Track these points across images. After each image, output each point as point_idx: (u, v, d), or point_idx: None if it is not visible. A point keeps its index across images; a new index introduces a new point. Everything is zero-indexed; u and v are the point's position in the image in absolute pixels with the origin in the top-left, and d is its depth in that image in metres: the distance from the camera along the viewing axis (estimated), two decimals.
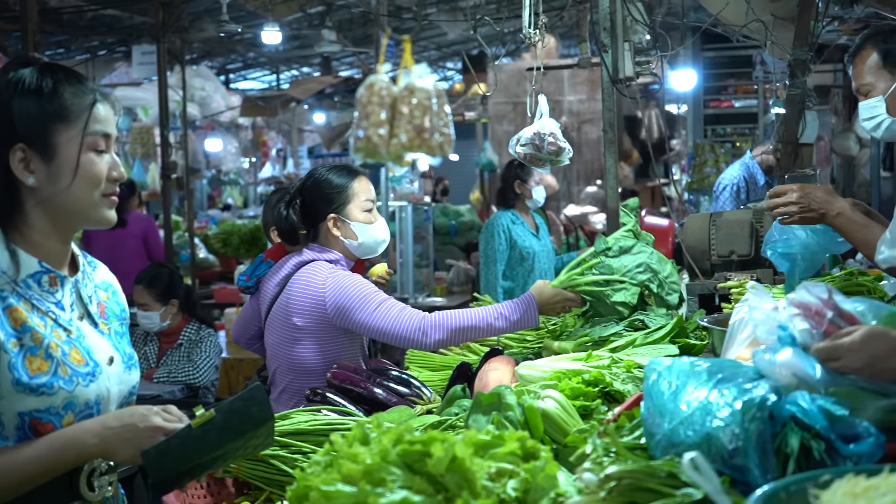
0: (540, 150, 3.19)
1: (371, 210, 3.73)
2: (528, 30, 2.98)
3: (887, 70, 3.38)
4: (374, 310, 3.48)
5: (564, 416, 2.36)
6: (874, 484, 1.42)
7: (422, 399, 3.30)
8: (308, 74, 17.15)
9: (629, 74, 4.49)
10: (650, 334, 3.18)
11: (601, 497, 1.74)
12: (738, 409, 1.81)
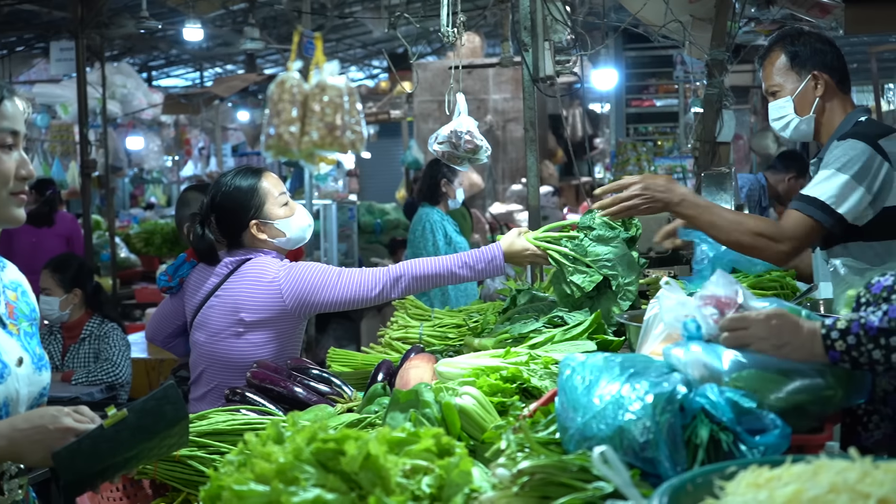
0: (457, 149, 3.21)
1: (287, 202, 3.71)
2: (446, 28, 2.98)
3: (794, 71, 3.46)
4: (335, 283, 3.49)
5: (482, 413, 2.37)
6: (776, 475, 1.46)
7: (342, 397, 3.28)
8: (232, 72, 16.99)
9: (549, 73, 4.52)
10: (569, 331, 3.20)
11: (514, 492, 1.76)
12: (649, 403, 1.84)
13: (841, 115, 3.43)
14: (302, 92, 1.77)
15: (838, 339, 1.94)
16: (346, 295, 3.49)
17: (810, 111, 3.42)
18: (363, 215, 11.02)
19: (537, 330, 3.35)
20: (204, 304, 3.66)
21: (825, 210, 3.15)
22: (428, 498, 1.77)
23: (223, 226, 3.68)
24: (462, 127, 3.17)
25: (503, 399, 2.49)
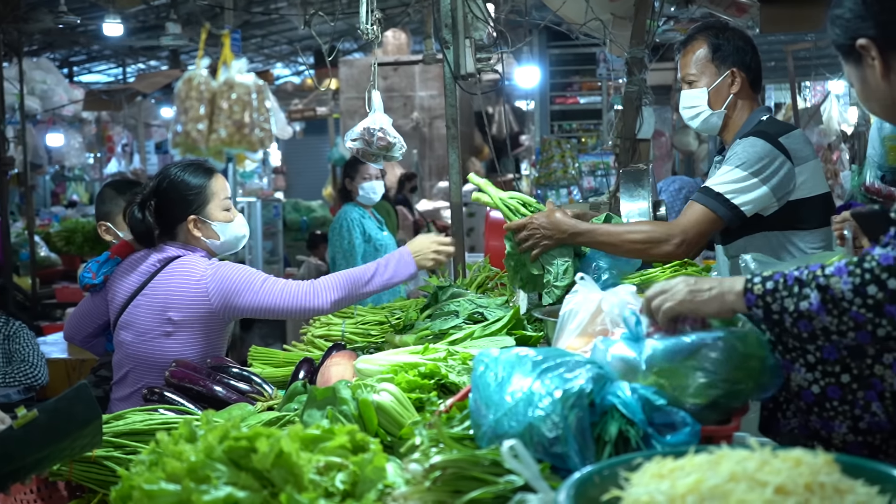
0: (370, 145, 3.21)
1: (230, 208, 3.69)
2: (365, 26, 2.98)
3: (714, 65, 3.51)
4: (259, 288, 3.46)
5: (399, 409, 2.38)
6: (680, 465, 1.49)
7: (263, 396, 3.27)
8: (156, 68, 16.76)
9: (471, 71, 4.55)
10: (488, 326, 3.23)
11: (426, 487, 1.77)
12: (558, 399, 1.86)
13: (748, 113, 3.50)
14: (210, 89, 1.77)
15: (758, 284, 1.99)
16: (267, 302, 3.47)
17: (723, 106, 3.49)
18: (289, 213, 10.96)
19: (457, 326, 3.38)
20: (130, 302, 3.62)
21: (723, 203, 3.23)
22: (341, 494, 1.77)
23: (161, 214, 3.64)
24: (375, 124, 3.17)
25: (421, 395, 2.51)
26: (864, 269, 1.84)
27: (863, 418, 2.03)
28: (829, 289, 1.87)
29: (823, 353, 2.01)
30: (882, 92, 2.12)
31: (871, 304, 1.83)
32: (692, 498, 1.39)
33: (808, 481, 1.40)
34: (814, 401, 2.07)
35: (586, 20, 5.88)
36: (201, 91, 1.75)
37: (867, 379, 1.98)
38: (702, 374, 1.99)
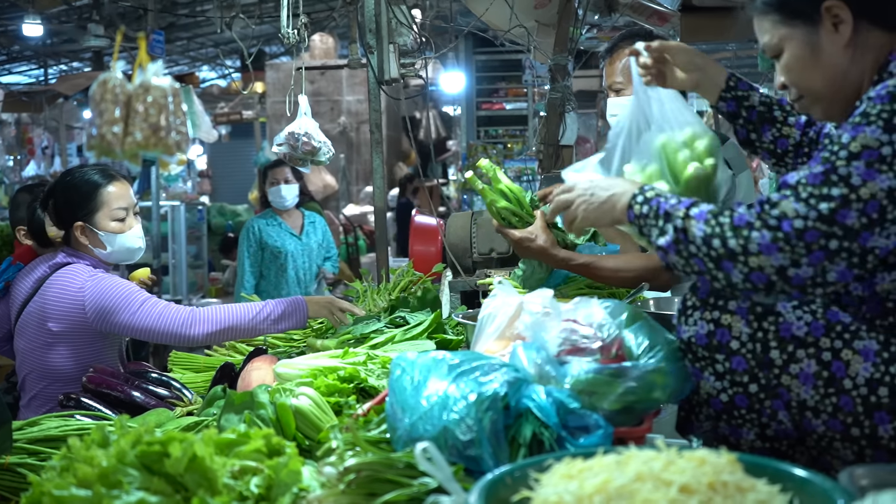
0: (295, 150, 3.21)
1: (124, 218, 3.60)
2: (285, 30, 2.98)
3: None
4: (136, 309, 3.40)
5: (318, 413, 2.39)
6: (588, 466, 1.52)
7: (182, 401, 3.25)
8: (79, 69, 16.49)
9: (395, 76, 4.56)
10: (409, 330, 3.24)
11: (341, 490, 1.78)
12: (472, 403, 1.88)
13: None
14: (125, 92, 1.76)
15: (638, 204, 2.07)
16: (143, 323, 3.40)
17: None
18: (214, 217, 10.85)
19: (379, 330, 3.39)
20: (23, 309, 3.56)
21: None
22: (255, 498, 1.77)
23: (55, 214, 3.59)
24: (300, 129, 3.16)
25: (340, 399, 2.51)
26: (719, 222, 1.90)
27: (770, 426, 2.07)
28: (684, 231, 1.94)
29: (732, 364, 2.05)
30: (835, 63, 2.08)
31: (714, 255, 1.89)
32: (599, 498, 1.42)
33: (712, 480, 1.43)
34: (722, 408, 2.10)
35: (511, 27, 5.92)
36: (116, 93, 1.74)
37: (774, 389, 2.02)
38: (620, 382, 2.03)
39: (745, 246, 1.85)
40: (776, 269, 1.84)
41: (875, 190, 1.82)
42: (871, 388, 1.94)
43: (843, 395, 1.96)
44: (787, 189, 1.90)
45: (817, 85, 2.14)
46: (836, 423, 1.98)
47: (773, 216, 1.85)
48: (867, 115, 1.89)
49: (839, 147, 1.88)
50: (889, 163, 1.83)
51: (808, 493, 1.53)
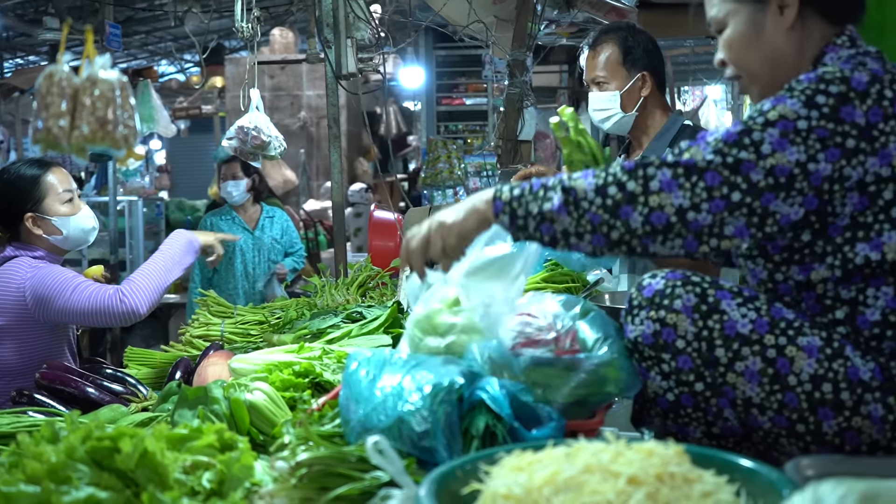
0: (245, 144, 3.20)
1: (72, 199, 3.62)
2: (240, 24, 2.96)
3: (625, 67, 3.56)
4: (70, 294, 3.41)
5: (273, 408, 2.38)
6: (538, 458, 1.52)
7: (138, 397, 3.23)
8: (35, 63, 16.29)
9: (352, 71, 4.55)
10: (365, 325, 3.24)
11: (293, 484, 1.78)
12: (427, 394, 1.89)
13: (660, 115, 3.57)
14: (72, 85, 1.74)
15: (506, 191, 2.01)
16: (77, 306, 3.42)
17: (634, 108, 3.55)
18: (173, 212, 10.77)
19: (335, 325, 3.38)
20: None
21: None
22: (207, 493, 1.77)
23: (1, 215, 3.57)
24: (250, 123, 3.15)
25: (295, 394, 2.51)
26: (609, 173, 1.91)
27: (716, 424, 2.08)
28: (572, 190, 1.93)
29: (678, 363, 2.06)
30: (775, 44, 2.10)
31: (610, 204, 1.89)
32: (548, 489, 1.43)
33: (659, 471, 1.45)
34: (668, 407, 2.11)
35: (469, 22, 5.94)
36: (63, 87, 1.72)
37: (720, 387, 2.03)
38: (574, 375, 2.04)
39: (644, 185, 1.86)
40: (676, 208, 1.86)
41: (783, 160, 1.86)
42: (815, 384, 1.97)
43: (787, 391, 1.98)
44: (699, 142, 1.92)
45: (755, 65, 2.15)
46: (781, 420, 2.00)
47: (677, 157, 1.88)
48: (791, 90, 1.94)
49: (758, 114, 1.92)
50: (803, 137, 1.87)
51: (755, 483, 1.55)
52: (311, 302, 4.18)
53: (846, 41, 2.10)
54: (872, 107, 1.91)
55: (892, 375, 1.97)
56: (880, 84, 1.94)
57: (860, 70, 1.95)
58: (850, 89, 1.91)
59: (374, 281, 4.40)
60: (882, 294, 1.98)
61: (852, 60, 2.02)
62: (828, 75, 1.93)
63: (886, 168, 1.93)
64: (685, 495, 1.43)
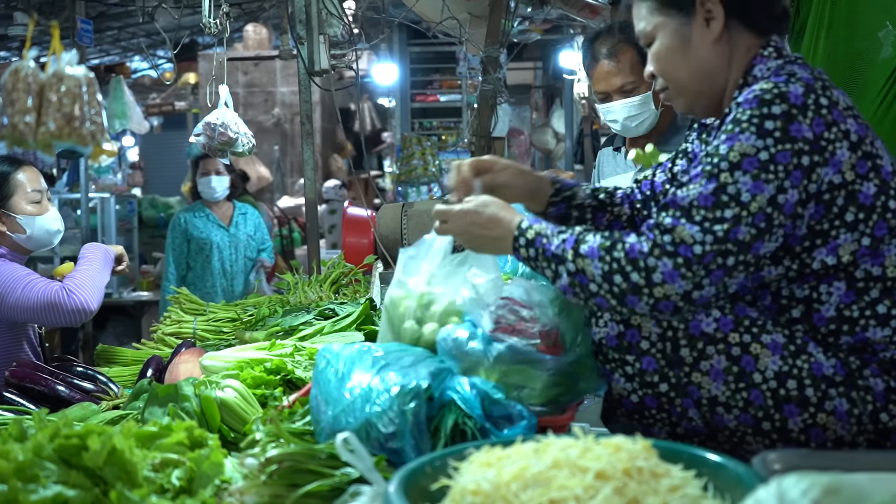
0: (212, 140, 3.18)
1: (40, 201, 3.61)
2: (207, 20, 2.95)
3: (643, 66, 3.54)
4: (20, 291, 3.41)
5: (244, 405, 2.38)
6: (507, 454, 1.53)
7: (109, 395, 3.22)
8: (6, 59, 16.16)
9: (325, 67, 4.54)
10: (338, 322, 3.24)
11: (263, 481, 1.78)
12: (394, 395, 1.89)
13: (668, 111, 3.55)
14: (38, 81, 1.73)
15: (522, 247, 2.07)
16: (27, 303, 3.44)
17: (660, 105, 3.53)
18: (146, 209, 10.69)
19: (308, 322, 3.37)
20: None
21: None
22: (176, 490, 1.76)
23: None
24: (217, 119, 3.14)
25: (266, 391, 2.50)
26: (614, 258, 1.91)
27: (680, 424, 2.09)
28: (581, 272, 1.95)
29: (642, 364, 2.07)
30: (702, 56, 2.12)
31: (616, 292, 1.91)
32: (516, 485, 1.43)
33: (627, 466, 1.45)
34: (633, 408, 2.13)
35: (443, 18, 5.94)
36: (29, 83, 1.71)
37: (685, 387, 2.04)
38: (547, 375, 2.04)
39: (648, 278, 1.87)
40: (681, 295, 1.88)
41: (762, 203, 1.88)
42: (780, 381, 1.99)
43: (753, 389, 2.00)
44: (676, 210, 1.92)
45: (682, 77, 2.17)
46: (747, 418, 2.02)
47: (670, 243, 1.88)
48: (739, 122, 1.94)
49: (719, 159, 1.92)
50: (769, 170, 1.89)
51: (722, 477, 1.57)
52: (284, 299, 4.17)
53: (773, 52, 2.12)
54: (814, 118, 1.94)
55: (852, 370, 2.00)
56: (814, 93, 1.96)
57: (793, 82, 1.97)
58: (790, 106, 1.93)
59: (347, 278, 4.40)
60: (835, 290, 2.01)
61: (781, 71, 2.05)
62: (766, 95, 1.95)
63: (837, 175, 1.96)
64: (653, 490, 1.44)
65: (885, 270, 2.01)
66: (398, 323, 2.31)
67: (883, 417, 1.98)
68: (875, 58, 3.22)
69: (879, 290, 2.01)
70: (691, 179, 1.95)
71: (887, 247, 2.00)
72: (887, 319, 2.01)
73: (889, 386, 1.99)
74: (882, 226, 1.99)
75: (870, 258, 2.00)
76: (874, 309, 2.01)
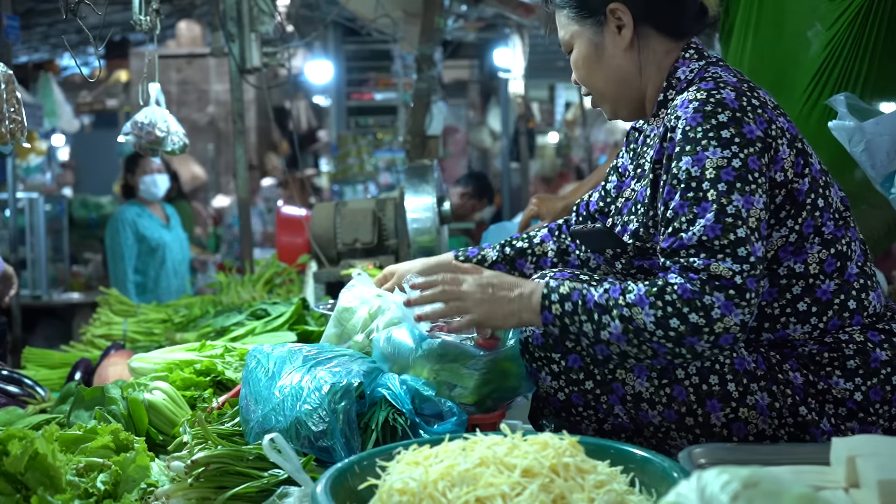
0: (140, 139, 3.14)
1: None
2: (137, 16, 2.91)
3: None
4: None
5: (173, 407, 2.35)
6: (434, 452, 1.53)
7: (35, 398, 3.16)
8: None
9: (256, 65, 4.51)
10: (270, 322, 3.22)
11: (189, 483, 1.76)
12: (325, 393, 1.88)
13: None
14: None
15: (556, 303, 1.97)
16: None
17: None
18: (77, 209, 10.50)
19: (240, 322, 3.35)
20: None
21: None
22: (101, 494, 1.74)
23: None
24: (145, 118, 3.09)
25: (196, 392, 2.48)
26: (666, 302, 1.86)
27: (607, 420, 2.11)
28: (632, 320, 1.88)
29: (568, 362, 2.08)
30: (616, 63, 2.13)
31: (673, 335, 1.86)
32: (443, 483, 1.43)
33: (553, 463, 1.46)
34: (560, 406, 2.14)
35: (376, 16, 5.93)
36: None
37: (609, 383, 2.06)
38: (478, 374, 2.05)
39: (707, 316, 1.83)
40: (740, 324, 1.85)
41: (757, 213, 1.89)
42: (702, 376, 2.01)
43: (676, 384, 2.03)
44: (693, 249, 1.89)
45: (600, 84, 2.19)
46: (670, 413, 2.04)
47: (713, 278, 1.85)
48: (696, 141, 1.94)
49: (698, 182, 1.91)
50: (747, 179, 1.90)
51: (649, 473, 1.58)
52: (217, 299, 4.13)
53: (693, 54, 2.14)
54: (755, 118, 1.96)
55: (772, 365, 2.03)
56: (745, 96, 1.98)
57: (722, 87, 1.99)
58: (733, 111, 1.94)
59: (280, 277, 4.37)
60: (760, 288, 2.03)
61: (706, 74, 2.06)
62: (706, 106, 1.95)
63: (780, 173, 1.98)
64: (579, 486, 1.45)
65: (808, 267, 2.03)
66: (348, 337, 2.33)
67: (802, 410, 2.01)
68: (803, 57, 3.27)
69: (801, 287, 2.04)
70: (676, 212, 1.93)
71: (811, 245, 2.03)
72: (807, 317, 2.04)
73: (808, 380, 2.02)
74: (809, 223, 2.02)
75: (793, 255, 2.03)
76: (795, 306, 2.04)
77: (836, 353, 2.03)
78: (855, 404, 2.01)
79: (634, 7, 2.10)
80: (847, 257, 2.05)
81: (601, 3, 2.11)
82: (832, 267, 2.04)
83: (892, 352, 2.04)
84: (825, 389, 2.02)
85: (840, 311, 2.05)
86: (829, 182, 2.07)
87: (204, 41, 12.76)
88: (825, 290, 2.04)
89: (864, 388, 2.01)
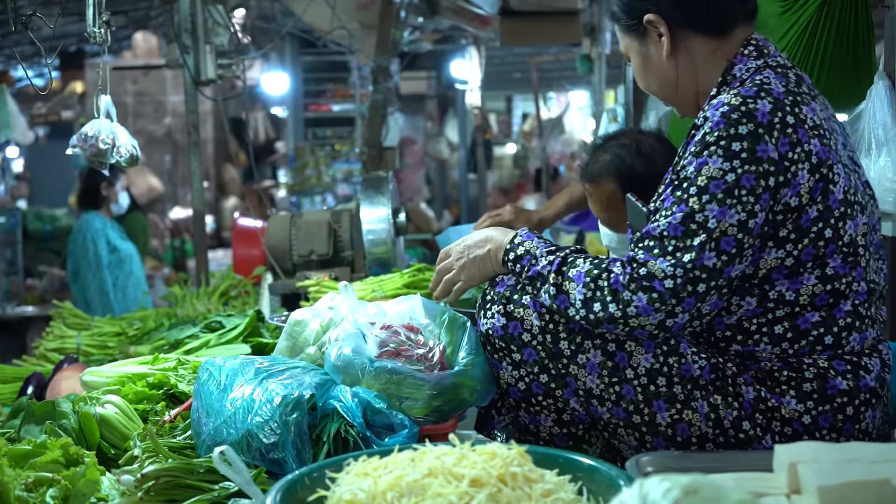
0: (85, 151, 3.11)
1: None
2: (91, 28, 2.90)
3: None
4: None
5: (125, 421, 2.34)
6: (384, 463, 1.54)
7: None
8: None
9: (211, 77, 4.50)
10: (224, 334, 3.21)
11: (139, 497, 1.75)
12: (276, 406, 1.89)
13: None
14: None
15: (510, 262, 2.17)
16: None
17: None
18: (31, 221, 10.39)
19: (194, 335, 3.34)
20: None
21: None
22: None
23: None
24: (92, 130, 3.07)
25: (148, 406, 2.46)
26: (598, 286, 1.97)
27: (565, 411, 2.17)
28: (565, 293, 2.02)
29: (524, 355, 2.13)
30: (663, 71, 2.18)
31: (592, 318, 1.99)
32: (392, 493, 1.44)
33: (501, 473, 1.48)
34: (520, 397, 2.19)
35: (333, 28, 5.93)
36: None
37: (563, 378, 2.12)
38: (429, 386, 2.06)
39: (624, 311, 1.94)
40: (656, 325, 1.95)
41: (726, 227, 1.92)
42: (650, 377, 2.06)
43: (625, 384, 2.07)
44: (650, 240, 1.97)
45: (655, 89, 2.26)
46: (619, 411, 2.09)
47: (645, 277, 1.93)
48: (707, 144, 1.97)
49: (688, 184, 1.96)
50: (734, 194, 1.93)
51: (596, 480, 1.60)
52: (172, 312, 4.11)
53: (753, 51, 2.13)
54: (780, 137, 1.96)
55: (723, 376, 2.06)
56: (782, 111, 1.98)
57: (762, 97, 1.99)
58: (757, 125, 1.96)
59: (236, 289, 4.36)
60: (746, 303, 2.05)
61: (756, 78, 2.06)
62: (734, 114, 1.97)
63: (795, 198, 1.98)
64: (527, 495, 1.47)
65: (798, 298, 2.03)
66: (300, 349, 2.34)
67: (745, 426, 2.04)
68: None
69: (785, 313, 2.04)
70: (663, 203, 2.00)
71: (808, 275, 2.02)
72: (780, 340, 2.05)
73: (760, 395, 2.04)
74: (809, 251, 2.00)
75: (787, 279, 2.02)
76: (772, 328, 2.05)
77: (796, 373, 2.04)
78: (802, 426, 2.03)
79: (668, 16, 2.13)
80: (843, 295, 2.04)
81: (639, 15, 2.16)
82: (822, 302, 2.03)
83: (855, 384, 2.03)
84: (775, 407, 2.04)
85: (814, 343, 2.05)
86: (850, 214, 2.02)
87: (160, 52, 12.69)
88: (807, 320, 2.04)
89: (814, 413, 2.03)
